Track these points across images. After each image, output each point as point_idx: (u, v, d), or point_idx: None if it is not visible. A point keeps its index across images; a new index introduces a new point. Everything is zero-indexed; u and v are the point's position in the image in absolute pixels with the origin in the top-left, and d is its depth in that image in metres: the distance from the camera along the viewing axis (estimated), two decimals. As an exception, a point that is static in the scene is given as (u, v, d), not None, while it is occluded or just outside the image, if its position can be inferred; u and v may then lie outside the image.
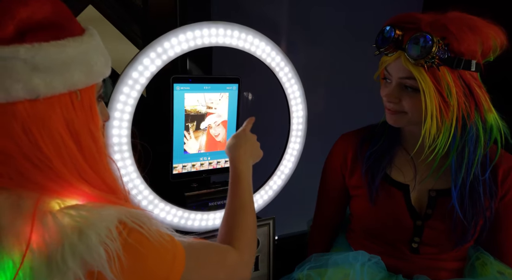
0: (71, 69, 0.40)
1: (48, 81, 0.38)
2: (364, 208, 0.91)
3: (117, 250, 0.39)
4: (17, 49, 0.36)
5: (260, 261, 1.10)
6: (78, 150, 0.43)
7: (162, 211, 0.92)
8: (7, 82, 0.36)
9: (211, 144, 1.00)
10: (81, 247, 0.37)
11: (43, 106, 0.39)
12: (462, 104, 0.76)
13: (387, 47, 0.78)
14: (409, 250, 0.88)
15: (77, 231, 0.38)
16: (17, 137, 0.38)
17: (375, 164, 0.89)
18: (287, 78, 1.01)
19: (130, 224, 0.42)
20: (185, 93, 0.92)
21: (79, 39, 0.41)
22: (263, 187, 1.06)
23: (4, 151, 0.38)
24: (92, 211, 0.40)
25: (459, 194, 0.82)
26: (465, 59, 0.74)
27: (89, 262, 0.37)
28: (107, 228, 0.39)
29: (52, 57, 0.38)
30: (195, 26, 0.84)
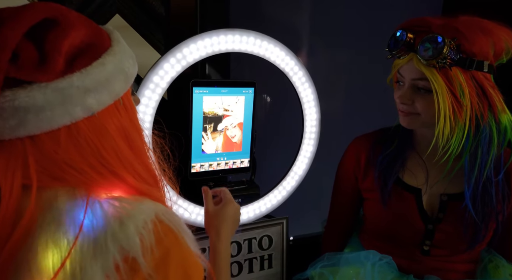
0: (113, 81, 0.46)
1: (98, 98, 0.44)
2: (376, 211, 0.93)
3: (151, 242, 0.42)
4: (71, 79, 0.42)
5: (273, 259, 1.14)
6: (130, 148, 0.48)
7: (180, 207, 0.97)
8: (69, 108, 0.42)
9: (227, 145, 1.04)
10: (120, 235, 0.41)
11: (98, 120, 0.45)
12: (475, 104, 0.76)
13: (399, 50, 0.80)
14: (420, 252, 0.89)
15: (118, 221, 0.42)
16: (82, 149, 0.44)
17: (388, 168, 0.90)
18: (301, 82, 1.05)
19: (166, 222, 0.45)
20: (204, 96, 0.97)
21: (111, 52, 0.47)
22: (276, 188, 1.10)
23: (71, 163, 0.43)
24: (133, 204, 0.45)
25: (472, 195, 0.82)
26: (477, 59, 0.75)
27: (126, 249, 0.41)
28: (144, 221, 0.43)
29: (97, 77, 0.44)
30: (212, 33, 0.89)
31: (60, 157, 0.43)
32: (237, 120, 1.04)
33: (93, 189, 0.45)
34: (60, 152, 0.43)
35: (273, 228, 1.12)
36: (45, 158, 0.42)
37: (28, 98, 0.40)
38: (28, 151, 0.42)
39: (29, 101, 0.40)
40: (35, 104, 0.40)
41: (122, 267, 0.41)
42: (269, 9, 1.42)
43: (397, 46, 0.80)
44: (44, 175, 0.43)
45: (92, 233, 0.42)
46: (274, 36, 0.99)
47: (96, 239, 0.41)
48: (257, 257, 1.11)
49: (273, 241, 1.12)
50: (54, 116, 0.41)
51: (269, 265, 1.13)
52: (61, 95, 0.41)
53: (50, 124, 0.42)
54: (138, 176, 0.49)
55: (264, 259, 1.12)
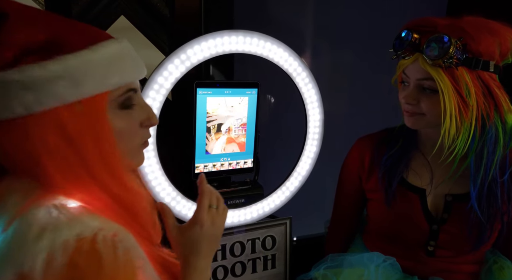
0: (56, 84, 0.43)
1: (36, 97, 0.43)
2: (380, 211, 0.93)
3: (61, 264, 0.37)
4: (13, 72, 0.42)
5: (276, 259, 1.14)
6: (79, 157, 0.46)
7: (184, 207, 0.98)
8: (7, 102, 0.42)
9: (231, 145, 1.05)
10: (30, 246, 0.38)
11: (37, 119, 0.44)
12: (481, 104, 0.76)
13: (404, 50, 0.79)
14: (425, 253, 0.88)
15: (39, 231, 0.39)
16: (20, 145, 0.43)
17: (392, 168, 0.90)
18: (304, 83, 1.05)
19: (101, 247, 0.39)
20: (207, 97, 0.97)
21: (71, 56, 0.44)
22: (280, 188, 1.10)
23: (33, 155, 0.43)
24: (71, 217, 0.41)
25: (477, 196, 0.82)
26: (483, 59, 0.74)
27: (23, 263, 0.37)
28: (66, 238, 0.38)
29: (35, 75, 0.42)
30: (216, 34, 0.90)
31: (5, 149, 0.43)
32: (241, 121, 1.04)
33: (50, 191, 0.44)
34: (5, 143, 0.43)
35: (277, 228, 1.12)
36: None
37: None
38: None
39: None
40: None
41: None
42: (273, 11, 1.42)
43: (402, 46, 0.79)
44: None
45: (7, 238, 0.39)
46: (278, 37, 1.00)
47: (8, 243, 0.39)
48: (260, 257, 1.11)
49: (277, 241, 1.13)
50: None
51: (273, 265, 1.14)
52: (2, 88, 0.42)
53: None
54: (102, 185, 0.46)
55: (267, 259, 1.13)
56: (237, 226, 1.06)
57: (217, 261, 1.05)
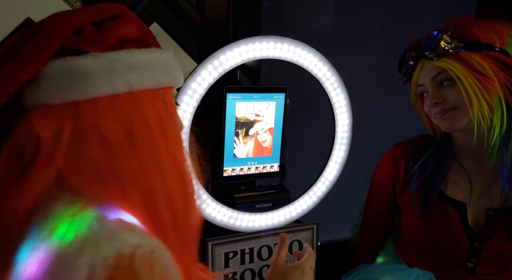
0: (156, 69, 0.50)
1: (140, 77, 0.48)
2: (416, 224, 0.88)
3: (100, 277, 0.38)
4: (120, 53, 0.47)
5: (303, 264, 1.14)
6: (164, 142, 0.50)
7: (214, 210, 0.99)
8: (114, 78, 0.46)
9: (258, 149, 1.06)
10: (71, 261, 0.38)
11: (137, 98, 0.48)
12: (502, 76, 0.74)
13: (407, 66, 0.83)
14: (463, 269, 0.84)
15: (81, 245, 0.39)
16: (116, 119, 0.47)
17: (429, 181, 0.86)
18: (333, 88, 1.05)
19: (138, 264, 0.39)
20: (236, 102, 0.99)
21: (159, 50, 0.52)
22: (307, 193, 1.10)
23: (102, 133, 0.46)
24: (113, 231, 0.41)
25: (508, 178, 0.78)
26: (483, 42, 0.75)
27: (65, 276, 0.38)
28: (105, 254, 0.39)
29: (142, 59, 0.48)
30: (248, 41, 0.92)
31: (94, 122, 0.45)
32: (268, 125, 1.05)
33: (98, 199, 0.44)
34: (96, 117, 0.46)
35: (303, 233, 1.12)
36: (81, 123, 0.45)
37: (82, 63, 0.45)
38: (69, 116, 0.45)
39: (81, 66, 0.45)
40: (85, 69, 0.45)
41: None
42: (297, 17, 1.43)
43: (403, 65, 0.84)
44: (69, 159, 0.44)
45: (56, 249, 0.39)
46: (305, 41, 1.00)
47: (52, 257, 0.39)
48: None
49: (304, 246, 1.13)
50: (100, 83, 0.45)
51: (299, 270, 1.14)
52: (109, 65, 0.46)
53: (95, 89, 0.45)
54: (161, 172, 0.48)
55: (293, 264, 1.13)
56: (264, 229, 1.06)
57: (244, 264, 1.06)
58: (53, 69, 0.44)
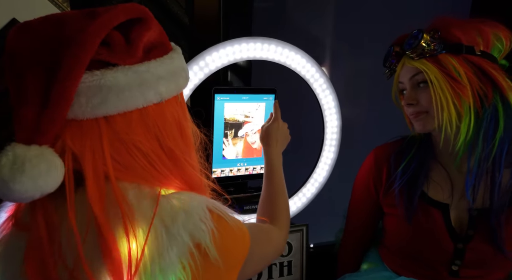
0: (178, 75, 0.51)
1: (167, 86, 0.49)
2: (400, 227, 0.88)
3: (212, 229, 0.46)
4: (149, 64, 0.47)
5: (293, 266, 1.13)
6: (183, 141, 0.53)
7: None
8: (145, 90, 0.46)
9: (247, 150, 1.05)
10: (189, 224, 0.45)
11: (163, 107, 0.49)
12: (476, 84, 0.74)
13: (390, 61, 0.84)
14: (448, 273, 0.83)
15: (184, 211, 0.46)
16: (148, 133, 0.48)
17: (411, 182, 0.86)
18: (322, 89, 1.05)
19: (215, 211, 0.49)
20: (225, 103, 0.99)
21: (175, 52, 0.52)
22: (296, 194, 1.10)
23: (137, 146, 0.47)
24: (190, 196, 0.48)
25: (473, 186, 0.79)
26: (464, 44, 0.75)
27: (196, 236, 0.45)
28: (203, 210, 0.47)
29: (168, 68, 0.49)
30: (234, 42, 0.91)
31: (130, 138, 0.46)
32: (257, 126, 1.05)
33: (155, 185, 0.49)
34: (130, 133, 0.46)
35: (293, 235, 1.12)
36: (117, 139, 0.45)
37: (113, 78, 0.44)
38: (103, 131, 0.44)
39: (113, 81, 0.44)
40: (117, 84, 0.44)
41: (195, 254, 0.44)
42: (292, 18, 1.43)
43: (387, 59, 0.85)
44: (116, 160, 0.45)
45: (163, 224, 0.44)
46: (297, 44, 1.00)
47: (168, 229, 0.44)
48: (276, 263, 1.11)
49: (293, 248, 1.12)
50: (131, 97, 0.45)
51: (289, 272, 1.13)
52: (139, 78, 0.46)
53: (126, 104, 0.45)
54: (190, 168, 0.53)
55: (283, 266, 1.12)
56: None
57: (233, 266, 1.05)
58: (81, 83, 0.42)
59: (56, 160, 0.41)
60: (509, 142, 0.77)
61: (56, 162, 0.41)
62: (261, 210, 0.81)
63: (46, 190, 0.41)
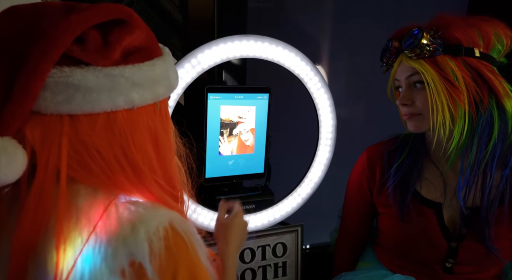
0: (158, 84, 0.49)
1: (141, 94, 0.47)
2: (394, 226, 0.88)
3: (160, 249, 0.43)
4: (124, 69, 0.45)
5: (288, 267, 1.12)
6: (156, 153, 0.50)
7: (194, 212, 0.98)
8: (114, 95, 0.44)
9: (241, 147, 1.04)
10: (130, 239, 0.42)
11: (135, 115, 0.47)
12: (472, 89, 0.73)
13: (387, 57, 0.82)
14: (442, 270, 0.83)
15: (131, 225, 0.43)
16: (113, 139, 0.46)
17: (403, 181, 0.85)
18: (316, 88, 1.04)
19: (178, 230, 0.45)
20: (219, 102, 0.97)
21: (162, 59, 0.50)
22: (291, 194, 1.08)
23: (99, 150, 0.45)
24: (148, 209, 0.45)
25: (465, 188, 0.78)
26: (464, 46, 0.73)
27: (133, 253, 0.42)
28: (156, 227, 0.43)
29: (146, 75, 0.47)
30: (227, 39, 0.90)
31: (92, 141, 0.44)
32: (250, 126, 1.04)
33: (113, 191, 0.46)
34: (93, 136, 0.44)
35: (288, 236, 1.10)
36: (78, 140, 0.44)
37: (82, 77, 0.42)
38: (64, 129, 0.43)
39: (82, 80, 0.42)
40: (86, 84, 0.42)
41: (127, 272, 0.41)
42: (288, 19, 1.42)
43: (385, 54, 0.82)
44: (74, 160, 0.44)
45: (105, 235, 0.42)
46: (294, 44, 0.99)
47: (108, 241, 0.42)
48: (271, 264, 1.10)
49: (288, 249, 1.11)
50: (98, 99, 0.43)
51: (283, 273, 1.12)
52: (111, 81, 0.44)
53: (92, 106, 0.44)
54: (157, 182, 0.50)
55: (278, 267, 1.11)
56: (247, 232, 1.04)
57: (226, 267, 1.04)
58: (49, 78, 0.41)
59: (18, 151, 0.41)
60: (501, 146, 0.76)
61: (18, 153, 0.41)
62: None
63: (6, 181, 0.41)
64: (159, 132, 0.50)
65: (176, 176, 0.54)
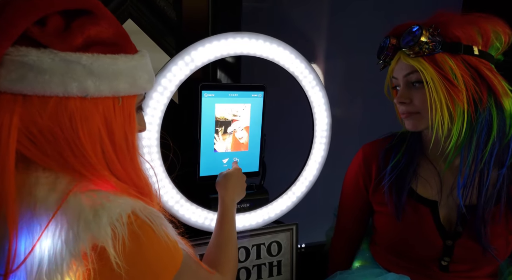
0: (118, 78, 0.49)
1: (97, 84, 0.47)
2: (389, 225, 0.87)
3: (123, 234, 0.44)
4: (81, 56, 0.45)
5: (282, 266, 1.12)
6: (111, 146, 0.50)
7: (188, 211, 0.97)
8: (67, 81, 0.45)
9: (235, 145, 1.04)
10: (93, 224, 0.43)
11: (89, 104, 0.47)
12: (471, 87, 0.72)
13: (385, 54, 0.81)
14: (437, 268, 0.83)
15: (93, 211, 0.44)
16: (63, 125, 0.46)
17: (399, 179, 0.85)
18: (311, 86, 1.03)
19: (142, 217, 0.47)
20: (214, 100, 0.97)
21: (130, 57, 0.50)
22: (286, 193, 1.08)
23: (52, 133, 0.46)
24: (110, 197, 0.47)
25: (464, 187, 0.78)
26: (463, 44, 0.73)
27: (96, 237, 0.43)
28: (119, 214, 0.45)
29: (105, 66, 0.47)
30: (220, 36, 0.89)
31: (43, 122, 0.45)
32: (244, 124, 1.03)
33: (75, 179, 0.47)
34: (45, 118, 0.45)
35: (282, 234, 1.10)
36: (31, 120, 0.44)
37: (37, 58, 0.43)
38: (16, 108, 0.44)
39: (37, 61, 0.43)
40: (40, 66, 0.43)
41: (89, 255, 0.43)
42: (284, 18, 1.41)
43: (382, 52, 0.81)
44: (26, 140, 0.45)
45: (66, 221, 0.43)
46: (290, 44, 0.98)
47: (68, 227, 0.43)
48: (265, 263, 1.09)
49: (282, 248, 1.10)
50: (50, 82, 0.44)
51: (278, 272, 1.11)
52: (66, 66, 0.44)
53: (43, 88, 0.44)
54: (116, 174, 0.51)
55: (273, 266, 1.10)
56: (241, 231, 1.04)
57: (221, 266, 1.03)
58: (5, 55, 0.43)
59: None
60: (499, 145, 0.76)
61: None
62: (209, 254, 0.77)
63: None
64: (116, 127, 0.50)
65: (139, 171, 0.55)
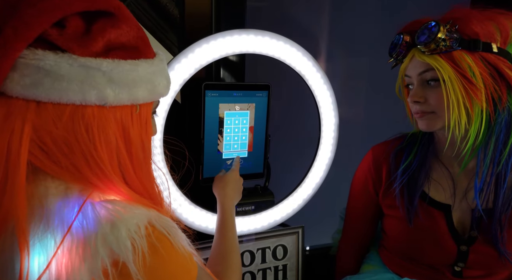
0: (138, 85, 0.46)
1: (117, 92, 0.44)
2: (400, 229, 0.84)
3: (143, 247, 0.42)
4: (101, 62, 0.42)
5: (288, 270, 1.09)
6: (128, 156, 0.48)
7: (192, 213, 0.94)
8: (86, 88, 0.42)
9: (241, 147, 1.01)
10: (111, 237, 0.41)
11: (107, 113, 0.45)
12: (490, 86, 0.69)
13: (398, 51, 0.77)
14: (451, 273, 0.81)
15: (110, 223, 0.41)
16: (79, 135, 0.43)
17: (411, 182, 0.82)
18: (318, 85, 1.00)
19: (159, 228, 0.45)
20: (218, 99, 0.94)
21: (150, 62, 0.48)
22: (291, 195, 1.05)
23: (67, 143, 0.43)
24: (127, 208, 0.44)
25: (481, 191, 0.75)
26: (482, 41, 0.69)
27: (116, 252, 0.40)
28: (137, 225, 0.43)
29: (125, 73, 0.44)
30: (226, 33, 0.87)
31: (58, 132, 0.42)
32: (251, 124, 1.00)
33: (86, 188, 0.44)
34: (60, 128, 0.42)
35: (288, 238, 1.07)
36: (45, 129, 0.42)
37: (54, 62, 0.40)
38: (29, 115, 0.41)
39: (54, 66, 0.40)
40: (57, 71, 0.40)
41: (110, 272, 0.40)
42: (288, 17, 1.39)
43: (395, 50, 0.77)
44: (38, 150, 0.42)
45: (82, 234, 0.40)
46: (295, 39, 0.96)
47: (86, 241, 0.40)
48: (271, 268, 1.06)
49: (288, 251, 1.08)
50: (68, 90, 0.41)
51: (284, 276, 1.09)
52: (85, 73, 0.42)
53: (60, 95, 0.41)
54: (131, 184, 0.49)
55: (278, 270, 1.08)
56: (246, 234, 1.01)
57: (225, 271, 1.00)
58: (19, 58, 0.39)
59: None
60: None
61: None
62: (212, 267, 0.74)
63: None
64: (134, 136, 0.48)
65: (153, 180, 0.54)
